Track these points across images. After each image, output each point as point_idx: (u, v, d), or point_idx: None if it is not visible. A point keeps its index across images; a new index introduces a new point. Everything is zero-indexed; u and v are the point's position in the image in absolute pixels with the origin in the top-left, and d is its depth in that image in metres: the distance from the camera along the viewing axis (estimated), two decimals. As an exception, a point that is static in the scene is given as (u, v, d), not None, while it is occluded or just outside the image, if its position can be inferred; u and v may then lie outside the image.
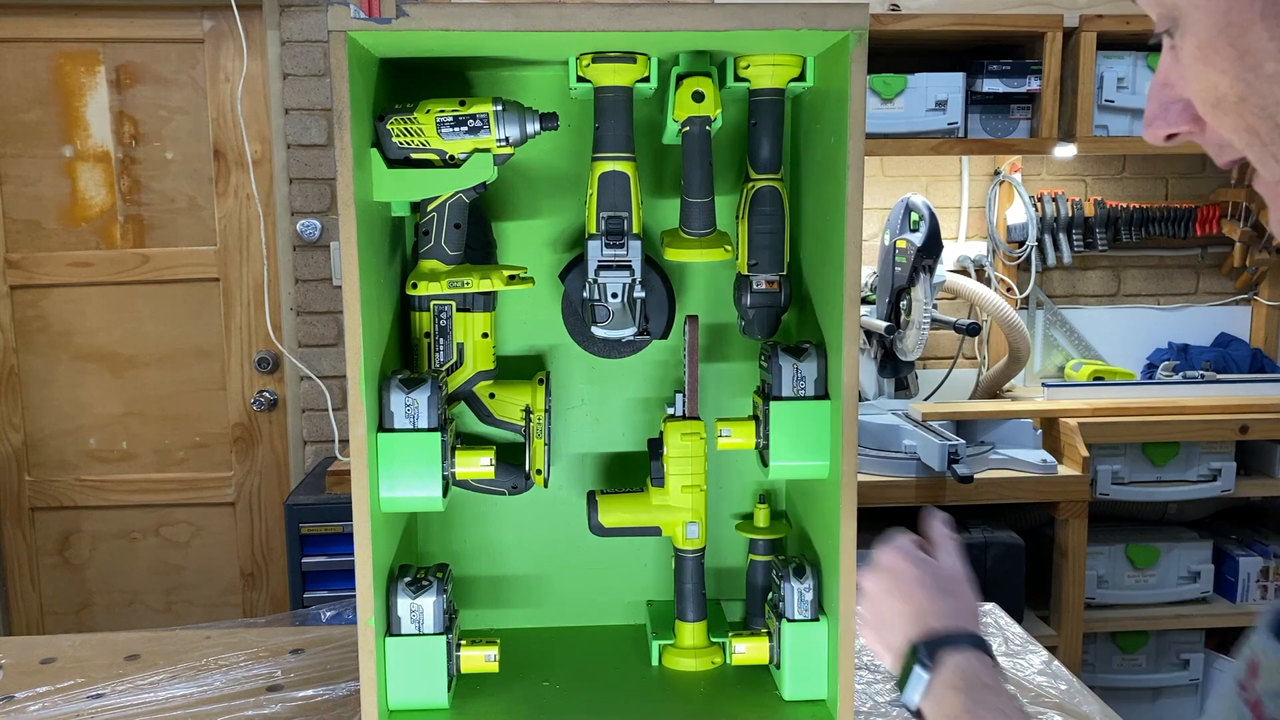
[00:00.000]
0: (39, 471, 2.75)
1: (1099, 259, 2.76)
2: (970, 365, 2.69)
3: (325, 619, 1.90)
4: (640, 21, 0.98)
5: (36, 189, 2.65)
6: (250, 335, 2.74)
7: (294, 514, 2.32)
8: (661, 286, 1.27)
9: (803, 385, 1.12)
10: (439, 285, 1.11)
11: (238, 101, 2.55)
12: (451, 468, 1.12)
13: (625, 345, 1.28)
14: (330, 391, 2.63)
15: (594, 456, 1.34)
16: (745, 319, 1.19)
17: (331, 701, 1.24)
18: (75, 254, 2.67)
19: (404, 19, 0.97)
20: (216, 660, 1.34)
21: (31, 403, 2.72)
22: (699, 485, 1.19)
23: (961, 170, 2.66)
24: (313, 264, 2.66)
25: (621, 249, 1.11)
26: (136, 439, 2.75)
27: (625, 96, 1.10)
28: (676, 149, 1.18)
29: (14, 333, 2.69)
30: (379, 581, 1.07)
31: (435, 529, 1.34)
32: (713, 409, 1.28)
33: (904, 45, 2.39)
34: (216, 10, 2.59)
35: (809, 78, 1.12)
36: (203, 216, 2.69)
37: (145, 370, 2.73)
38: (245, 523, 2.80)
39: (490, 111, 1.06)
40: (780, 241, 1.16)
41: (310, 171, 2.63)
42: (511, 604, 1.36)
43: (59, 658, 1.35)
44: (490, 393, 1.19)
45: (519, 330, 1.30)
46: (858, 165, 1.03)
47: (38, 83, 2.62)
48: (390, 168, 1.07)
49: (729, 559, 1.36)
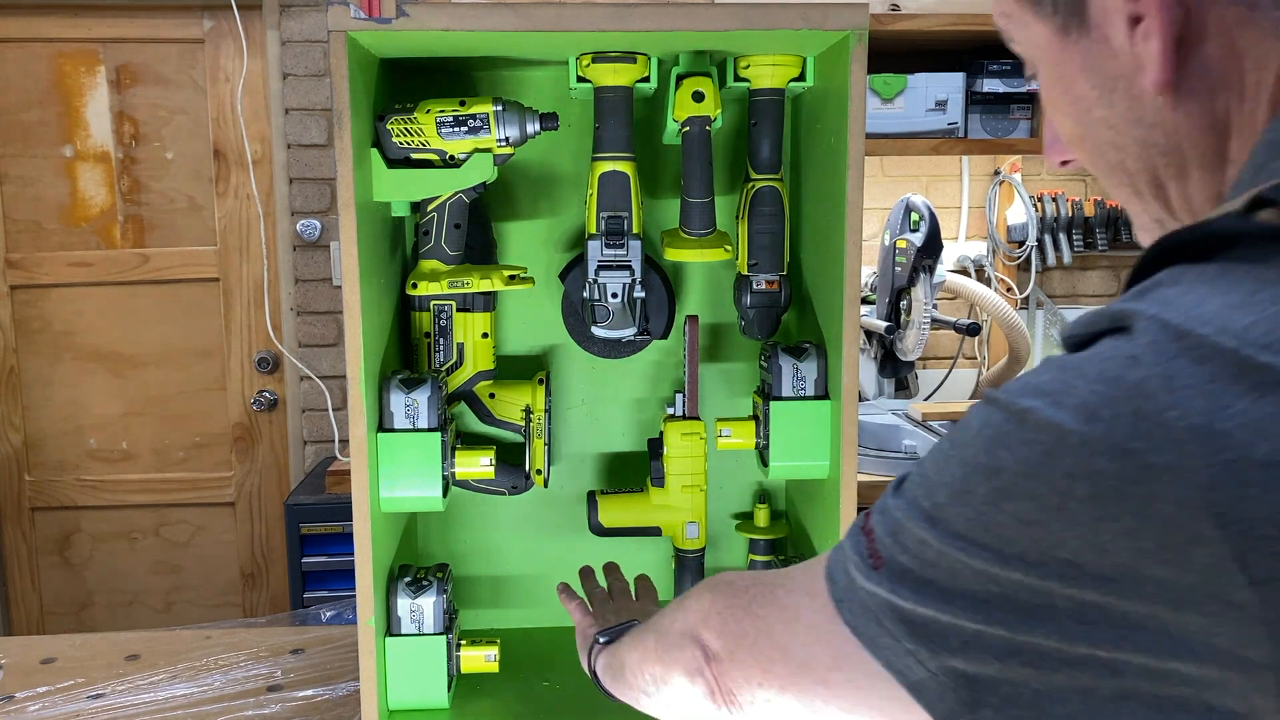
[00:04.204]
0: (39, 471, 2.75)
1: (1099, 259, 2.76)
2: (970, 365, 2.69)
3: (325, 619, 1.90)
4: (640, 21, 0.98)
5: (36, 189, 2.65)
6: (250, 335, 2.74)
7: (294, 514, 2.32)
8: (661, 286, 1.27)
9: (803, 385, 1.12)
10: (439, 285, 1.11)
11: (238, 101, 2.55)
12: (451, 468, 1.12)
13: (625, 345, 1.28)
14: (330, 391, 2.62)
15: (594, 456, 1.34)
16: (745, 319, 1.19)
17: (331, 701, 1.24)
18: (75, 254, 2.66)
19: (404, 19, 0.97)
20: (216, 660, 1.34)
21: (31, 403, 2.72)
22: (699, 485, 1.19)
23: (961, 170, 2.66)
24: (313, 264, 2.66)
25: (621, 249, 1.11)
26: (136, 439, 2.75)
27: (625, 96, 1.10)
28: (676, 149, 1.18)
29: (14, 333, 2.69)
30: (379, 581, 1.07)
31: (435, 529, 1.34)
32: (713, 409, 1.28)
33: (904, 45, 2.39)
34: (216, 10, 2.59)
35: (809, 78, 1.12)
36: (203, 216, 2.69)
37: (145, 370, 2.73)
38: (245, 523, 2.80)
39: (490, 111, 1.06)
40: (780, 241, 1.16)
41: (310, 171, 2.63)
42: (511, 604, 1.36)
43: (59, 658, 1.35)
44: (490, 393, 1.19)
45: (519, 330, 1.30)
46: (858, 165, 1.03)
47: (38, 83, 2.62)
48: (390, 168, 1.07)
49: (729, 559, 1.36)
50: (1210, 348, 0.38)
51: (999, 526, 0.43)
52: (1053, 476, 0.41)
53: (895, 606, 0.47)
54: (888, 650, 0.48)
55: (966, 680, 0.45)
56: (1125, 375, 0.39)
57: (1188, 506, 0.38)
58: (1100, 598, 0.40)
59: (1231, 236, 0.41)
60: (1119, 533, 0.39)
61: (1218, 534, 0.37)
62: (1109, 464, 0.39)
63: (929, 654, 0.46)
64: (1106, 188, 0.57)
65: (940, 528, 0.45)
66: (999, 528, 0.43)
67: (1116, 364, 0.40)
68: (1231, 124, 0.49)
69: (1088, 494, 0.40)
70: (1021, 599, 0.42)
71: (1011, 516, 0.42)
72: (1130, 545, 0.39)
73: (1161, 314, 0.40)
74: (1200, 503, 0.37)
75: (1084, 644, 0.41)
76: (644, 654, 0.72)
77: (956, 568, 0.44)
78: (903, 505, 0.48)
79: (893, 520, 0.48)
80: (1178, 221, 0.54)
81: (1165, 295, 0.41)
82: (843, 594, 0.51)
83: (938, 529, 0.45)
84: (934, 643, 0.46)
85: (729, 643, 0.60)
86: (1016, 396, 0.43)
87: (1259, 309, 0.38)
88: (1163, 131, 0.51)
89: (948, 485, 0.46)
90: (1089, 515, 0.40)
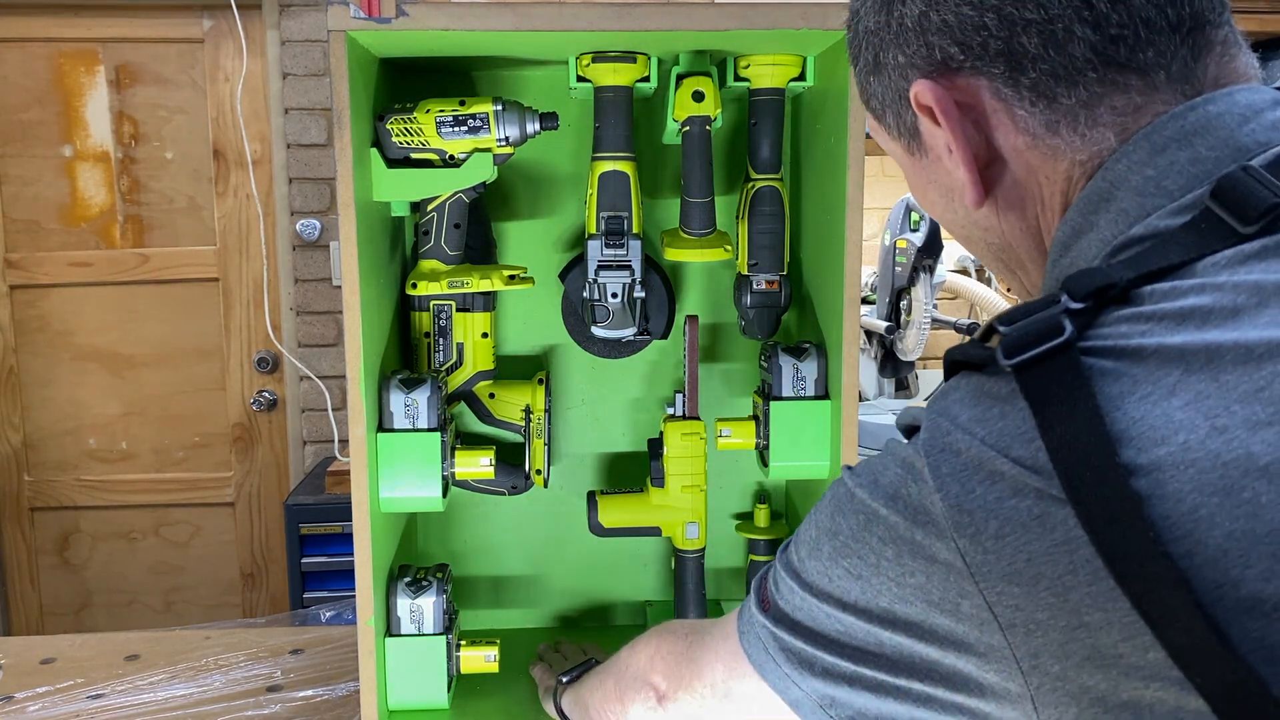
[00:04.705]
0: (39, 471, 2.74)
1: (1099, 259, 2.75)
2: (970, 365, 2.69)
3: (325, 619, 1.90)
4: (640, 21, 0.98)
5: (36, 189, 2.65)
6: (250, 335, 2.73)
7: (294, 514, 2.31)
8: (661, 286, 1.27)
9: (803, 385, 1.12)
10: (439, 285, 1.11)
11: (237, 101, 2.55)
12: (451, 468, 1.12)
13: (625, 345, 1.28)
14: (330, 391, 2.62)
15: (594, 456, 1.34)
16: (745, 319, 1.19)
17: (331, 702, 1.24)
18: (75, 254, 2.66)
19: (404, 19, 0.96)
20: (216, 660, 1.34)
21: (31, 403, 2.72)
22: (699, 485, 1.19)
23: (961, 170, 2.66)
24: (313, 264, 2.66)
25: (621, 249, 1.11)
26: (136, 439, 2.75)
27: (625, 96, 1.10)
28: (676, 149, 1.18)
29: (14, 333, 2.68)
30: (379, 582, 1.07)
31: (435, 529, 1.33)
32: (713, 409, 1.28)
33: (904, 45, 2.38)
34: (216, 10, 2.59)
35: (809, 77, 1.12)
36: (202, 216, 2.69)
37: (145, 370, 2.73)
38: (245, 523, 2.80)
39: (490, 111, 1.06)
40: (780, 241, 1.16)
41: (310, 171, 2.63)
42: (511, 604, 1.36)
43: (59, 658, 1.35)
44: (490, 393, 1.19)
45: (519, 330, 1.30)
46: (858, 165, 1.03)
47: (38, 83, 2.62)
48: (390, 168, 1.07)
49: (729, 559, 1.36)
50: (961, 446, 0.49)
51: (839, 579, 0.55)
52: (871, 541, 0.53)
53: (777, 638, 0.60)
54: (773, 673, 0.61)
55: (830, 700, 0.57)
56: (913, 465, 0.51)
57: (954, 569, 0.48)
58: (908, 640, 0.52)
59: (974, 360, 0.51)
60: (915, 587, 0.50)
61: (974, 589, 0.47)
62: (906, 533, 0.50)
63: (800, 677, 0.59)
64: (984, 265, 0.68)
65: (802, 579, 0.58)
66: (839, 579, 0.55)
67: (907, 457, 0.52)
68: (1043, 228, 0.59)
69: (893, 555, 0.51)
70: (859, 638, 0.54)
71: (845, 571, 0.54)
72: (923, 598, 0.50)
73: (936, 420, 0.51)
74: (961, 565, 0.48)
75: (904, 677, 0.52)
76: (605, 694, 0.87)
77: (814, 612, 0.57)
78: (783, 559, 0.61)
79: (776, 571, 0.62)
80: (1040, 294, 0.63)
81: (944, 403, 0.52)
82: (744, 626, 0.65)
83: (800, 580, 0.58)
84: (803, 669, 0.58)
85: (673, 684, 0.76)
86: (851, 477, 0.56)
87: (991, 422, 0.48)
88: (995, 234, 0.61)
89: (807, 544, 0.59)
90: (896, 572, 0.51)
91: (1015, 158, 0.57)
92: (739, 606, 0.68)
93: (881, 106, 0.63)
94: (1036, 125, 0.55)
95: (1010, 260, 0.62)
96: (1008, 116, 0.55)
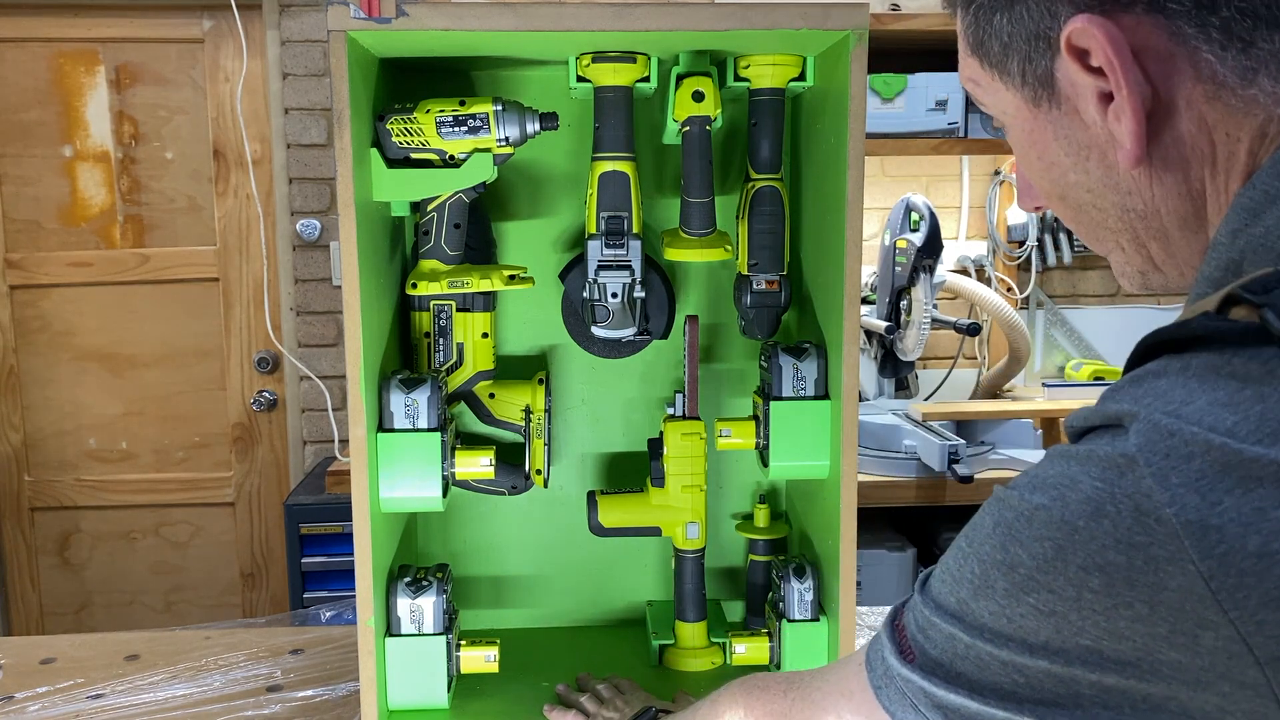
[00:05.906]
0: (39, 471, 2.74)
1: (1099, 259, 2.74)
2: (970, 365, 2.69)
3: (325, 619, 1.90)
4: (640, 21, 0.98)
5: (36, 189, 2.65)
6: (250, 335, 2.73)
7: (294, 514, 2.32)
8: (661, 286, 1.27)
9: (803, 385, 1.12)
10: (439, 285, 1.11)
11: (237, 101, 2.55)
12: (451, 468, 1.12)
13: (625, 345, 1.28)
14: (330, 391, 2.62)
15: (594, 456, 1.34)
16: (745, 319, 1.19)
17: (331, 702, 1.24)
18: (75, 254, 2.66)
19: (404, 19, 0.96)
20: (216, 660, 1.34)
21: (31, 403, 2.72)
22: (699, 485, 1.19)
23: (962, 170, 2.66)
24: (313, 264, 2.66)
25: (621, 249, 1.11)
26: (136, 439, 2.75)
27: (625, 96, 1.10)
28: (676, 149, 1.18)
29: (14, 333, 2.68)
30: (379, 582, 1.07)
31: (435, 529, 1.33)
32: (713, 409, 1.28)
33: (904, 45, 2.39)
34: (216, 10, 2.59)
35: (809, 78, 1.12)
36: (202, 216, 2.69)
37: (145, 370, 2.73)
38: (245, 523, 2.80)
39: (490, 111, 1.06)
40: (780, 241, 1.16)
41: (310, 171, 2.63)
42: (511, 604, 1.36)
43: (59, 658, 1.35)
44: (490, 393, 1.19)
45: (519, 330, 1.30)
46: (858, 165, 1.03)
47: (38, 83, 2.62)
48: (390, 168, 1.07)
49: (729, 559, 1.36)
50: (1199, 445, 0.40)
51: (1021, 618, 0.46)
52: (1067, 570, 0.44)
53: (929, 693, 0.50)
54: None
55: None
56: (1125, 472, 0.42)
57: (1192, 595, 0.40)
58: (1122, 681, 0.43)
59: (1210, 335, 0.43)
60: (1133, 619, 0.42)
61: (1222, 619, 0.40)
62: (1118, 556, 0.42)
63: None
64: (1086, 241, 0.59)
65: (966, 622, 0.49)
66: (1021, 619, 0.46)
67: (1114, 461, 0.43)
68: (1207, 192, 0.51)
69: (1101, 585, 0.42)
70: (1048, 687, 0.45)
71: (1032, 608, 0.45)
72: (1145, 631, 0.42)
73: (1153, 413, 0.42)
74: (1204, 591, 0.40)
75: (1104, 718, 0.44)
76: None
77: (985, 659, 0.48)
78: (930, 602, 0.52)
79: (921, 616, 0.52)
80: (1161, 273, 0.57)
81: (1156, 388, 0.43)
82: (880, 681, 0.55)
83: (964, 624, 0.49)
84: None
85: None
86: (1026, 493, 0.46)
87: (1243, 407, 0.40)
88: (1140, 199, 0.53)
89: (969, 581, 0.49)
90: (1104, 604, 0.43)
91: (1188, 110, 0.49)
92: (854, 656, 0.59)
93: (1005, 50, 0.54)
94: (1227, 73, 0.47)
95: (1149, 230, 0.54)
96: (1188, 62, 0.48)
